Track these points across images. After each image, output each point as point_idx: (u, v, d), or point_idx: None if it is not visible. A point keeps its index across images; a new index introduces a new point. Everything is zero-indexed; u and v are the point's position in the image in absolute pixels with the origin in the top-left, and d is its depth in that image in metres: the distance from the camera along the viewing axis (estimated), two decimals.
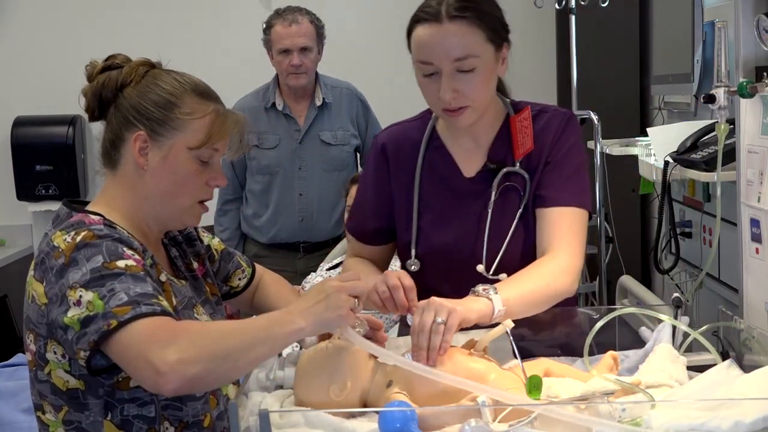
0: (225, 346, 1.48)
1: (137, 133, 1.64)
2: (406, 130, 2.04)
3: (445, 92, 1.82)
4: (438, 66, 1.82)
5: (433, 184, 1.98)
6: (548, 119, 1.96)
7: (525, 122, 1.94)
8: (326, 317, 1.51)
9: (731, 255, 2.67)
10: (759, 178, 1.80)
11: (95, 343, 1.49)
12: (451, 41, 1.81)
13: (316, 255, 3.74)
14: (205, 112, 1.67)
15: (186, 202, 1.69)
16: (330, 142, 3.74)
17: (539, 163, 1.93)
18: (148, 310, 1.49)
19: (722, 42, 1.87)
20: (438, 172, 1.98)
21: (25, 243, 4.94)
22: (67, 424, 1.63)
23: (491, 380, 1.55)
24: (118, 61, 1.72)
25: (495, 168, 1.94)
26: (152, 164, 1.65)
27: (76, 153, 4.83)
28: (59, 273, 1.54)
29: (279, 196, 3.73)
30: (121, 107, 1.67)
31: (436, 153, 1.99)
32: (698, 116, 3.60)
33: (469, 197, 1.96)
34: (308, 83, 3.69)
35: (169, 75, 1.70)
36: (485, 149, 1.97)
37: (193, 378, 1.45)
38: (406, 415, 1.40)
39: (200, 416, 1.68)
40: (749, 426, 1.29)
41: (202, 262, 1.86)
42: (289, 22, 3.61)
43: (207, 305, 1.79)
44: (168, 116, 1.65)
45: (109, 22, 4.93)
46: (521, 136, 1.93)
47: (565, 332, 1.93)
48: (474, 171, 1.97)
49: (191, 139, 1.65)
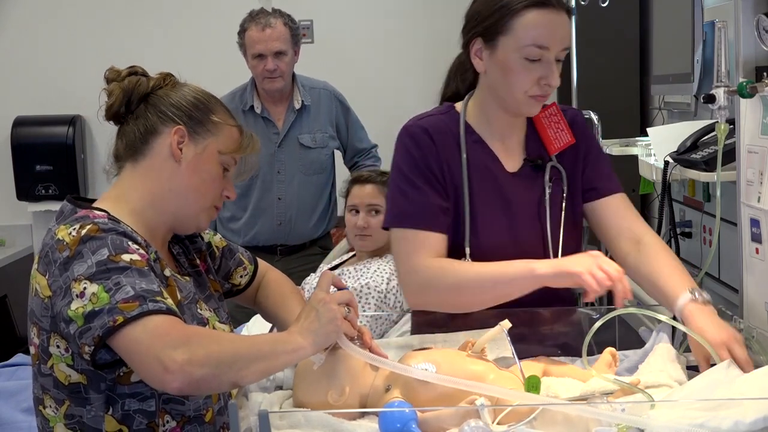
0: (233, 354, 1.51)
1: (176, 128, 1.71)
2: (441, 122, 1.98)
3: (556, 78, 1.87)
4: (551, 51, 1.85)
5: (480, 178, 1.95)
6: (573, 115, 2.03)
7: (554, 117, 1.99)
8: (322, 330, 1.55)
9: (731, 255, 2.67)
10: (759, 178, 1.79)
11: (100, 338, 1.51)
12: (565, 30, 1.89)
13: (293, 257, 3.75)
14: (234, 123, 1.77)
15: (206, 202, 1.75)
16: (309, 145, 3.72)
17: (577, 157, 1.99)
18: (154, 307, 1.51)
19: (722, 42, 1.87)
20: (483, 167, 1.96)
21: (25, 243, 4.94)
22: (68, 418, 1.64)
23: (490, 381, 1.55)
24: (139, 71, 1.77)
25: (540, 163, 1.97)
26: (186, 159, 1.71)
27: (76, 153, 4.83)
28: (64, 265, 1.56)
29: (257, 199, 3.72)
30: (157, 103, 1.73)
31: (477, 147, 1.97)
32: (698, 116, 3.60)
33: (516, 191, 1.96)
34: (285, 86, 3.67)
35: (196, 87, 1.79)
36: (520, 145, 1.99)
37: (199, 380, 1.48)
38: (406, 415, 1.40)
39: (202, 411, 1.69)
40: (749, 426, 1.29)
41: (204, 258, 1.88)
42: (262, 26, 3.57)
43: (211, 301, 1.81)
44: (206, 118, 1.74)
45: (109, 23, 4.94)
46: (551, 131, 1.98)
47: (564, 332, 1.93)
48: (516, 167, 1.98)
49: (223, 144, 1.74)
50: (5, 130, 4.85)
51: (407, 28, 4.99)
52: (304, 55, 3.82)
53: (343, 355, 1.60)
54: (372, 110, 4.35)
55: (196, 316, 1.71)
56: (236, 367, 1.50)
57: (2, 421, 2.79)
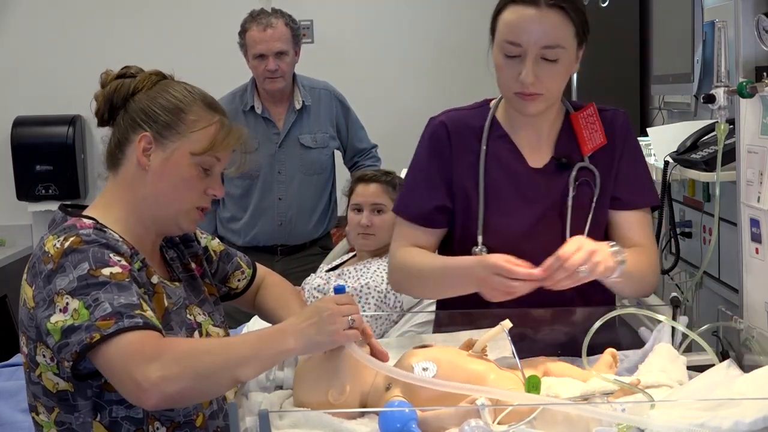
0: (209, 365, 1.51)
1: (142, 134, 1.68)
2: (465, 117, 2.03)
3: (528, 75, 1.84)
4: (525, 49, 1.84)
5: (499, 172, 1.96)
6: (612, 116, 2.01)
7: (591, 118, 1.98)
8: (317, 340, 1.54)
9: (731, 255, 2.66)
10: (759, 178, 1.79)
11: (77, 354, 1.53)
12: (545, 27, 1.84)
13: (293, 258, 3.75)
14: (210, 121, 1.71)
15: (182, 205, 1.71)
16: (309, 145, 3.72)
17: (611, 160, 1.97)
18: (130, 324, 1.51)
19: (722, 42, 1.87)
20: (503, 160, 1.97)
21: (25, 243, 4.94)
22: (59, 425, 1.65)
23: (490, 380, 1.55)
24: (132, 71, 1.75)
25: (565, 162, 1.96)
26: (154, 165, 1.68)
27: (76, 153, 4.83)
28: (47, 278, 1.57)
29: (258, 200, 3.71)
30: (130, 110, 1.71)
31: (500, 141, 1.98)
32: (698, 116, 3.60)
33: (538, 187, 1.96)
34: (285, 86, 3.67)
35: (180, 85, 1.75)
36: (550, 143, 1.99)
37: (175, 395, 1.50)
38: (406, 415, 1.40)
39: (192, 416, 1.69)
40: (749, 426, 1.29)
41: (200, 262, 1.87)
42: (263, 26, 3.57)
43: (205, 304, 1.81)
44: (175, 121, 1.69)
45: (110, 23, 4.94)
46: (587, 131, 1.97)
47: (565, 332, 1.93)
48: (541, 163, 1.98)
49: (195, 146, 1.69)
50: (5, 130, 4.85)
51: (407, 28, 4.98)
52: (304, 55, 3.82)
53: (344, 354, 1.60)
54: (372, 110, 4.35)
55: (186, 322, 1.71)
56: (215, 376, 1.52)
57: (2, 421, 2.79)
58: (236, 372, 1.53)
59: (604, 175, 1.96)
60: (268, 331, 1.60)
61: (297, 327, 1.54)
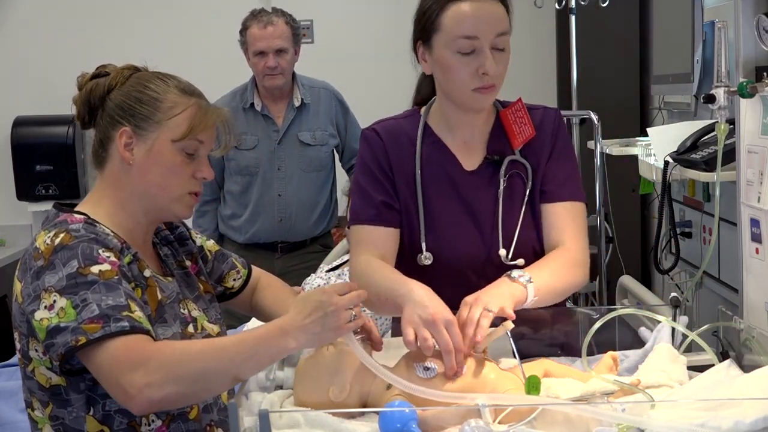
0: (196, 369, 1.52)
1: (122, 130, 1.69)
2: (398, 125, 2.04)
3: (491, 64, 1.84)
4: (482, 40, 1.84)
5: (435, 177, 1.98)
6: (543, 114, 2.01)
7: (519, 112, 1.99)
8: (322, 337, 1.54)
9: (731, 255, 2.67)
10: (759, 178, 1.79)
11: (62, 355, 1.54)
12: (495, 16, 1.86)
13: (294, 255, 3.76)
14: (186, 105, 1.71)
15: (174, 192, 1.71)
16: (308, 142, 3.74)
17: (541, 154, 1.97)
18: (116, 328, 1.52)
19: (722, 42, 1.86)
20: (438, 166, 1.98)
21: (25, 243, 4.91)
22: (53, 419, 1.66)
23: (491, 380, 1.56)
24: (107, 70, 1.76)
25: (498, 159, 1.96)
26: (138, 158, 1.70)
27: (76, 153, 4.83)
28: (36, 274, 1.58)
29: (258, 196, 3.73)
30: (107, 109, 1.72)
31: (434, 147, 1.99)
32: (698, 116, 3.60)
33: (474, 189, 1.97)
34: (285, 84, 3.69)
35: (153, 75, 1.75)
36: (483, 143, 1.99)
37: (162, 400, 1.50)
38: (406, 415, 1.40)
39: (186, 409, 1.69)
40: (749, 426, 1.29)
41: (195, 260, 1.88)
42: (264, 23, 3.60)
43: (200, 301, 1.81)
44: (151, 111, 1.69)
45: (110, 23, 4.93)
46: (516, 126, 1.98)
47: (564, 332, 1.93)
48: (475, 164, 1.98)
49: (174, 132, 1.69)
50: (5, 130, 4.85)
51: (407, 28, 4.96)
52: (304, 55, 3.83)
53: (345, 352, 1.60)
54: (372, 110, 4.31)
55: (179, 316, 1.71)
56: (203, 380, 1.52)
57: (2, 421, 2.79)
58: (235, 372, 1.53)
59: (536, 169, 1.97)
60: (268, 327, 1.57)
61: (298, 324, 1.52)
